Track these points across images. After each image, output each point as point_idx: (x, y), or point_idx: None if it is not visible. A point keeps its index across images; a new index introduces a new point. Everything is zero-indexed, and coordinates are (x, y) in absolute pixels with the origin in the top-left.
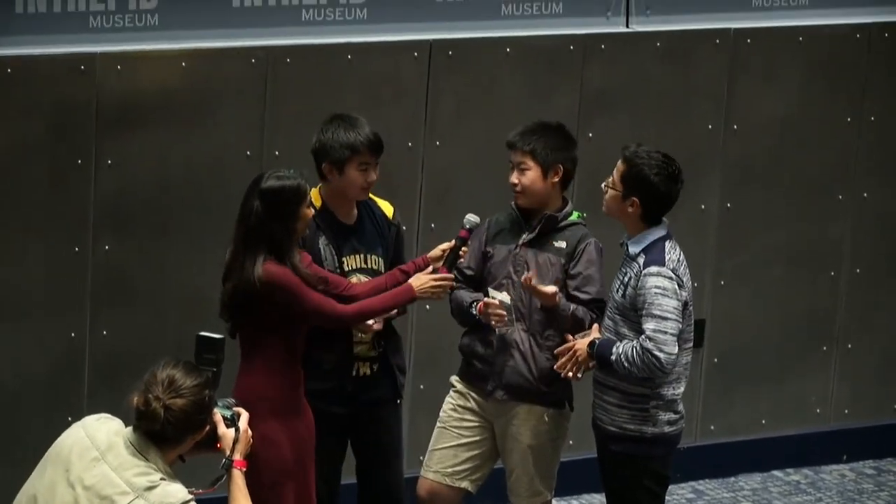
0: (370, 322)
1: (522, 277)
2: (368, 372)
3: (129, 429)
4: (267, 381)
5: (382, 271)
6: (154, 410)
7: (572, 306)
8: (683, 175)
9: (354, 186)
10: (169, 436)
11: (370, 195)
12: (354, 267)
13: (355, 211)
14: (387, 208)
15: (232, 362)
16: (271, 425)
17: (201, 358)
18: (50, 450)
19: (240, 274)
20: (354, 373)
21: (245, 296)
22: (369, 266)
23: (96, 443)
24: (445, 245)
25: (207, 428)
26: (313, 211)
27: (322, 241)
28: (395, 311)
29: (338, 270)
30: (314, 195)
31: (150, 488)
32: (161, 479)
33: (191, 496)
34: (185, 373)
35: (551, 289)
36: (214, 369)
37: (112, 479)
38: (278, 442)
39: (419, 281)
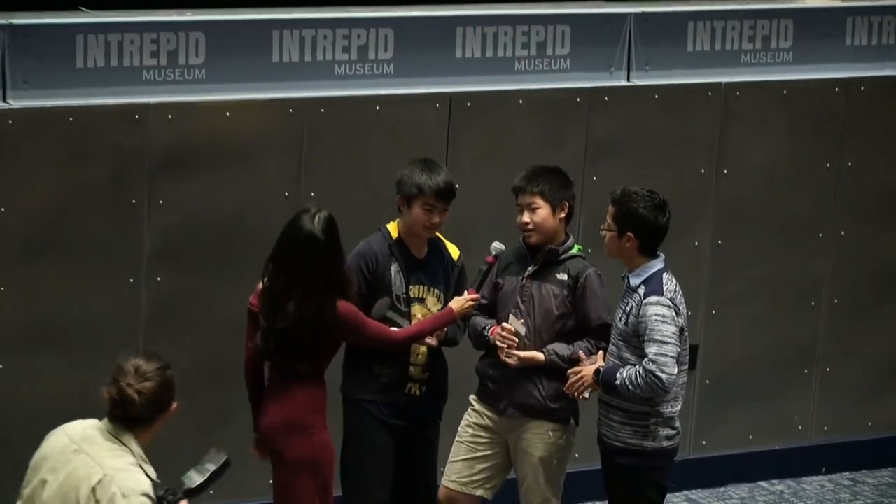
0: (428, 339)
1: (505, 358)
2: (417, 392)
3: (105, 420)
4: (317, 399)
5: (441, 304)
6: (129, 396)
7: (568, 351)
8: (679, 215)
9: (418, 223)
10: (143, 416)
11: (442, 238)
12: (418, 295)
13: (426, 248)
14: (454, 251)
15: None
16: (325, 435)
17: (206, 468)
18: (36, 457)
19: (296, 310)
20: (406, 391)
21: (314, 331)
22: (433, 296)
23: (74, 438)
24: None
25: (174, 405)
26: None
27: (394, 268)
28: (445, 331)
29: (404, 295)
30: (392, 227)
31: (121, 471)
32: (132, 464)
33: (150, 493)
34: (147, 359)
35: (536, 355)
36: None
37: (88, 462)
38: (332, 449)
39: (458, 303)
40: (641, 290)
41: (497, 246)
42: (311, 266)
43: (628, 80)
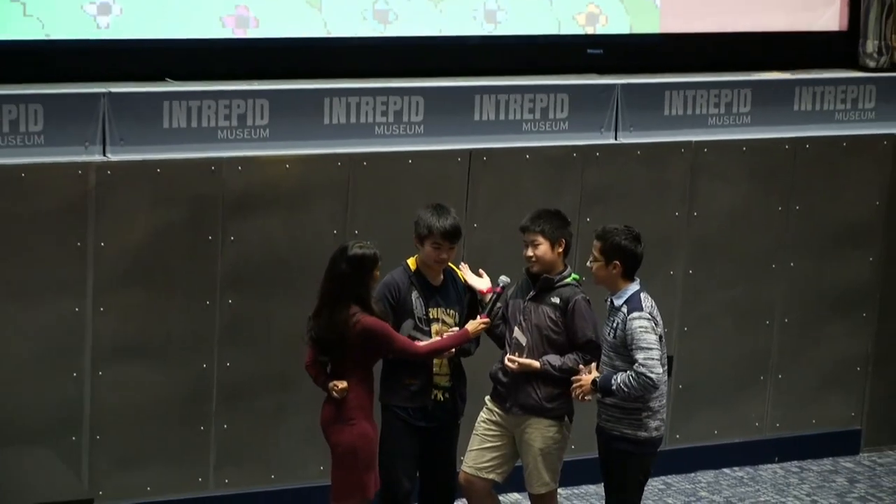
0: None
1: (507, 363)
2: (442, 398)
3: None
4: (362, 396)
5: (456, 322)
6: None
7: (559, 361)
8: (657, 249)
9: (429, 258)
10: None
11: (454, 267)
12: (436, 316)
13: (441, 276)
14: (464, 277)
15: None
16: (365, 426)
17: None
18: None
19: (330, 320)
20: (433, 397)
21: (338, 336)
22: (449, 316)
23: None
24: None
25: None
26: (378, 273)
27: (414, 295)
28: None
29: (424, 316)
30: (412, 261)
31: None
32: None
33: None
34: None
35: (532, 363)
36: None
37: None
38: (371, 437)
39: (472, 325)
40: (625, 309)
41: (504, 279)
42: (335, 279)
43: (616, 138)
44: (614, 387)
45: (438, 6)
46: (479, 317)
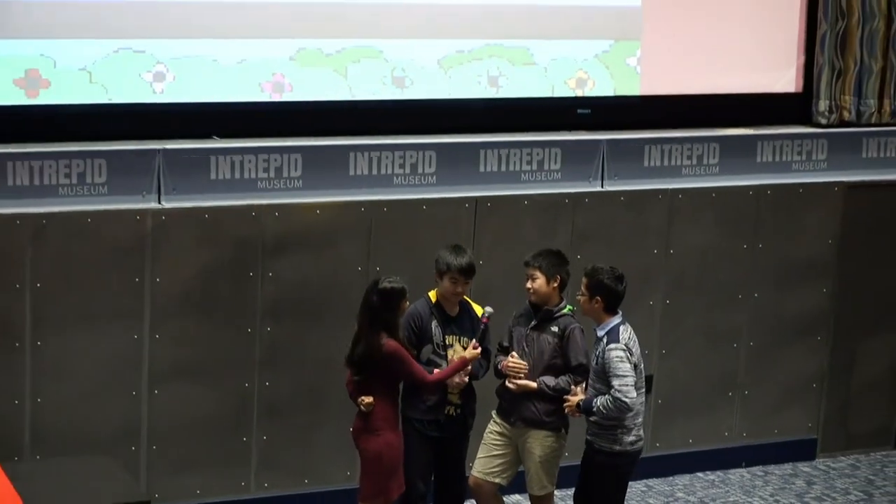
0: (455, 379)
1: (509, 383)
2: (453, 413)
3: None
4: (387, 410)
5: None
6: None
7: (553, 382)
8: (638, 282)
9: (447, 292)
10: None
11: (469, 300)
12: (451, 343)
13: (458, 308)
14: (478, 309)
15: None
16: (390, 436)
17: None
18: None
19: (365, 344)
20: (446, 412)
21: (371, 358)
22: (461, 344)
23: None
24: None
25: None
26: (408, 303)
27: (434, 324)
28: (472, 370)
29: (442, 342)
30: (432, 294)
31: None
32: None
33: None
34: None
35: (530, 384)
36: None
37: None
38: (394, 445)
39: (468, 353)
40: (604, 340)
41: (488, 310)
42: (369, 311)
43: (602, 186)
44: (594, 408)
45: (448, 73)
46: (471, 345)
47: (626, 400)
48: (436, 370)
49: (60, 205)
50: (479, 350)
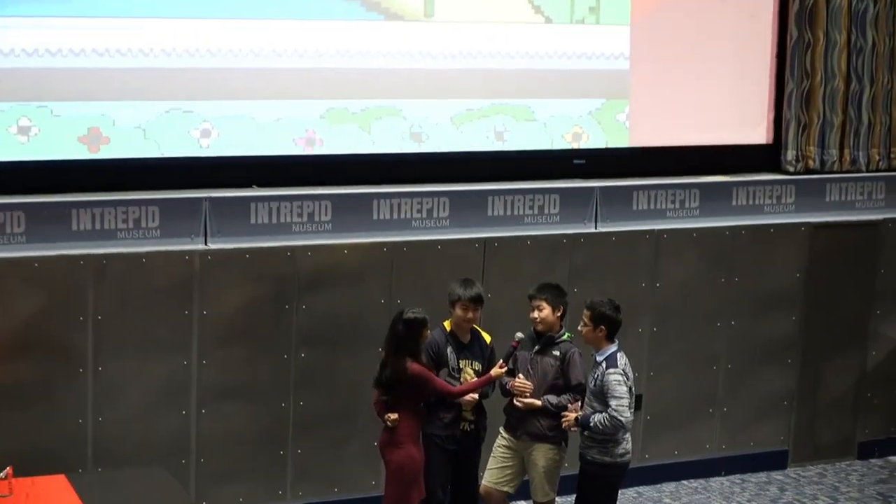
0: (467, 397)
1: (516, 401)
2: (468, 429)
3: None
4: (410, 426)
5: (480, 370)
6: None
7: (556, 400)
8: (630, 311)
9: (459, 319)
10: None
11: (479, 329)
12: (464, 367)
13: (469, 335)
14: (487, 337)
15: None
16: (412, 449)
17: None
18: None
19: (392, 368)
20: (461, 427)
21: (397, 380)
22: (472, 367)
23: None
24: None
25: None
26: (429, 332)
27: (449, 350)
28: (483, 390)
29: (456, 366)
30: (447, 324)
31: None
32: None
33: None
34: None
35: (535, 402)
36: None
37: None
38: (416, 457)
39: (494, 371)
40: (603, 364)
41: (519, 335)
42: (395, 338)
43: (596, 228)
44: (591, 424)
45: (459, 129)
46: (498, 364)
47: (622, 419)
48: (456, 384)
49: (119, 246)
50: (504, 369)
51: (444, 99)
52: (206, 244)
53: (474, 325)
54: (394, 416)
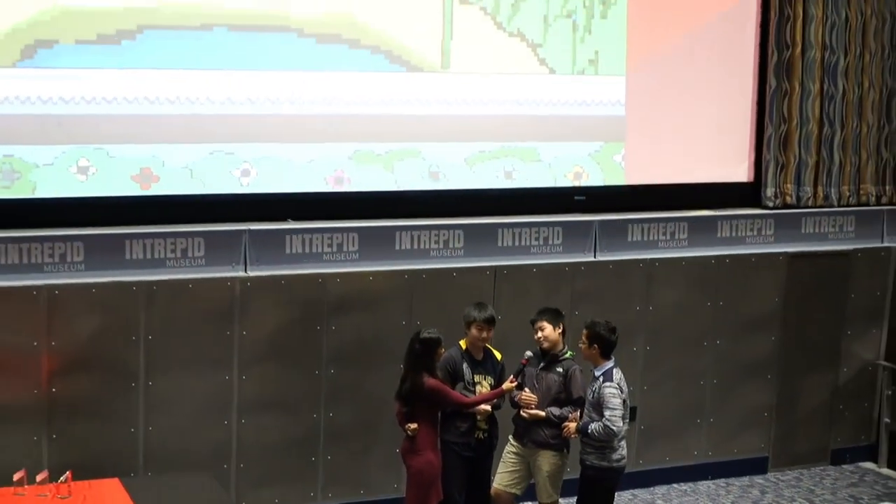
0: (481, 407)
1: (523, 412)
2: (482, 437)
3: None
4: (429, 434)
5: (491, 385)
6: None
7: (559, 412)
8: (625, 332)
9: (474, 338)
10: None
11: (491, 347)
12: (478, 381)
13: (482, 353)
14: (498, 354)
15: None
16: (430, 456)
17: None
18: None
19: (411, 382)
20: (475, 436)
21: (415, 393)
22: (486, 381)
23: None
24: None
25: None
26: (443, 350)
27: (465, 366)
28: (495, 401)
29: (471, 381)
30: (463, 343)
31: None
32: None
33: None
34: None
35: (540, 413)
36: None
37: None
38: (434, 463)
39: (506, 385)
40: (600, 379)
41: (528, 353)
42: (413, 356)
43: (595, 257)
44: (590, 431)
45: (473, 168)
46: (509, 379)
47: (614, 428)
48: (469, 395)
49: (167, 274)
50: (515, 384)
51: (459, 142)
52: (245, 272)
53: (487, 344)
54: (413, 425)
